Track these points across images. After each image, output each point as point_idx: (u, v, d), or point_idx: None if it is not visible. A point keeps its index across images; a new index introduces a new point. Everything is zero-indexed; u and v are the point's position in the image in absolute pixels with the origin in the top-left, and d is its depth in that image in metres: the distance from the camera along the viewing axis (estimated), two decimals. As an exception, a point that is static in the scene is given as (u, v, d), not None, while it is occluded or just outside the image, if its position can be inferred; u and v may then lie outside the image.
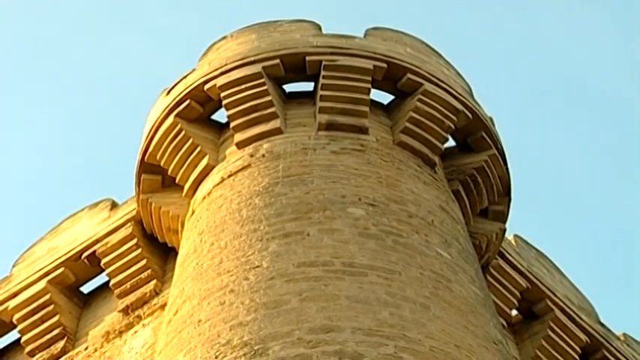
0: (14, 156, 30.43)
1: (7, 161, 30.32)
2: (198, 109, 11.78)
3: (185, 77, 12.10)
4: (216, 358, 8.20)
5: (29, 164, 30.40)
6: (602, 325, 12.98)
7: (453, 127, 11.60)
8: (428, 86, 11.63)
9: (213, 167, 11.19)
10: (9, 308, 12.27)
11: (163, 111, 11.88)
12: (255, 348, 8.10)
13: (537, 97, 30.65)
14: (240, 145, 11.13)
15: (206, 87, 11.72)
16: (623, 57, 30.73)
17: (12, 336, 12.47)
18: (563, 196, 30.15)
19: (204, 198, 10.82)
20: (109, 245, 12.10)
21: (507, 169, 12.04)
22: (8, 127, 30.27)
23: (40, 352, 11.82)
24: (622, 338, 13.25)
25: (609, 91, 30.46)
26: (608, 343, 12.71)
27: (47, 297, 12.12)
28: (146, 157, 11.86)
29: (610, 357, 12.57)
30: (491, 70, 29.77)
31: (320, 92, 11.45)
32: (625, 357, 12.79)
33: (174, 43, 30.13)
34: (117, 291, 11.77)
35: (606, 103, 30.75)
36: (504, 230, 12.12)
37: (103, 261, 12.07)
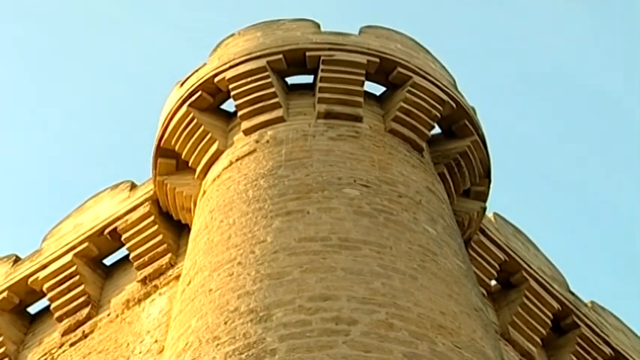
0: (44, 142, 30.45)
1: (38, 147, 30.30)
2: (209, 100, 11.73)
3: (197, 71, 12.06)
4: (225, 323, 8.18)
5: (56, 150, 30.41)
6: (572, 293, 12.96)
7: (438, 115, 11.56)
8: (416, 79, 11.58)
9: (223, 152, 11.15)
10: (39, 278, 12.25)
11: (177, 101, 11.83)
12: (261, 314, 8.07)
13: (520, 85, 30.61)
14: (247, 132, 11.08)
15: (216, 79, 11.67)
16: (598, 47, 30.68)
17: (42, 303, 12.47)
18: (539, 177, 30.16)
19: (215, 180, 10.78)
20: (128, 222, 12.07)
21: (487, 153, 12.00)
22: (39, 115, 30.26)
23: (67, 317, 11.81)
24: (590, 305, 13.23)
25: (584, 77, 30.42)
26: (577, 309, 12.69)
27: (73, 268, 12.10)
28: (162, 143, 11.82)
29: (579, 322, 12.55)
30: (479, 60, 29.75)
31: (319, 84, 11.40)
32: (592, 322, 12.78)
33: (187, 38, 30.08)
34: (136, 263, 11.75)
35: (583, 89, 30.70)
36: (485, 209, 12.10)
37: (124, 236, 12.04)
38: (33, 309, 12.56)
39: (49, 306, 12.18)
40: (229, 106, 11.77)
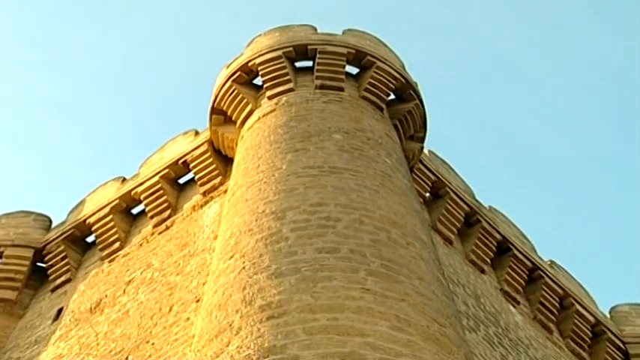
0: (142, 107, 30.23)
1: (140, 111, 30.10)
2: (245, 77, 11.56)
3: (237, 58, 11.91)
4: (256, 220, 8.15)
5: (147, 111, 30.27)
6: (477, 201, 12.99)
7: (393, 87, 11.42)
8: (379, 64, 11.45)
9: (254, 111, 11.02)
10: (138, 192, 12.23)
11: (225, 78, 11.69)
12: (279, 215, 8.04)
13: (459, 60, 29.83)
14: (270, 98, 10.94)
15: (249, 64, 11.50)
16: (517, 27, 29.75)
17: (140, 207, 12.44)
18: (460, 120, 29.55)
19: (249, 129, 10.67)
20: (194, 156, 11.98)
21: (425, 112, 11.90)
22: (144, 85, 29.90)
23: (156, 216, 11.78)
24: (488, 208, 13.28)
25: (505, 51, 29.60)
26: (480, 211, 12.74)
27: (159, 185, 12.04)
28: (215, 105, 11.68)
29: (481, 219, 12.61)
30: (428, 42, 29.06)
31: (316, 67, 11.23)
32: (489, 219, 12.84)
33: (236, 31, 29.48)
34: (199, 182, 11.68)
35: (500, 61, 29.88)
36: (422, 147, 12.04)
37: (191, 165, 11.96)
38: (135, 211, 12.56)
39: (144, 209, 12.15)
40: (258, 81, 11.62)
